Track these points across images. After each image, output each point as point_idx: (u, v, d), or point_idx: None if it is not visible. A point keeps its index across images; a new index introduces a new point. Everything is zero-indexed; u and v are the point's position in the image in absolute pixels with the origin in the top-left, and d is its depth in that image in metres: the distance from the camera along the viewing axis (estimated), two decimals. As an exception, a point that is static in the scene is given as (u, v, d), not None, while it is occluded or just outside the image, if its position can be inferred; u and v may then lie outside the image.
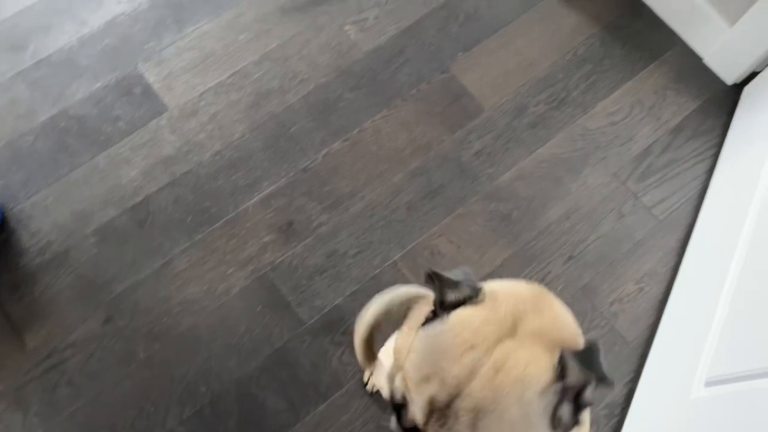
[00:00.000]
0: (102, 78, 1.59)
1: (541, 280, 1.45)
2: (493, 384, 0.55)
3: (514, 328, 0.58)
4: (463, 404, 0.55)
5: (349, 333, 1.40)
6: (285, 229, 1.47)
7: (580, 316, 1.43)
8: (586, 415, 0.65)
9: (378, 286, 1.44)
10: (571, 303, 1.43)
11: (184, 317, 1.40)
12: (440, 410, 0.56)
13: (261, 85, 1.60)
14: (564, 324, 0.61)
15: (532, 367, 0.55)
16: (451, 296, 0.60)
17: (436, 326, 0.60)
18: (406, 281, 1.45)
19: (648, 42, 1.68)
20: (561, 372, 0.55)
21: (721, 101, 1.62)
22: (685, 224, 1.51)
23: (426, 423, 0.58)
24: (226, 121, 1.57)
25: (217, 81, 1.60)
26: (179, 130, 1.55)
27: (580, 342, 0.60)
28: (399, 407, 0.61)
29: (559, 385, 0.55)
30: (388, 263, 1.46)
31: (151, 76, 1.60)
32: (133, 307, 1.41)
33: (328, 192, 1.51)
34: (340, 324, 1.41)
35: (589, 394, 0.55)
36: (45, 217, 1.47)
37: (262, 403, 1.34)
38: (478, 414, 0.55)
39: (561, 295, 1.44)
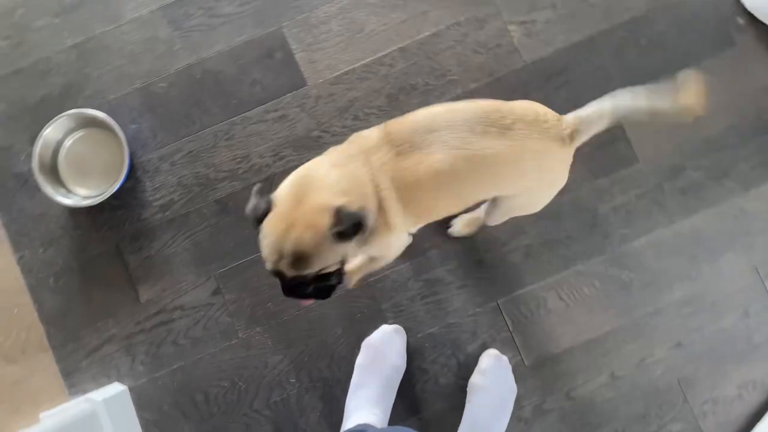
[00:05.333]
0: (244, 32, 1.50)
1: (641, 360, 1.42)
2: (291, 234, 0.96)
3: (299, 203, 0.98)
4: (286, 248, 0.96)
5: (436, 362, 1.43)
6: (399, 245, 1.45)
7: (666, 405, 1.41)
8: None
9: (475, 325, 1.44)
10: (664, 391, 1.41)
11: (287, 308, 1.45)
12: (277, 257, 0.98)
13: (406, 77, 1.49)
14: (324, 195, 0.99)
15: (311, 217, 0.96)
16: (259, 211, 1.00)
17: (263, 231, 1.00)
18: (503, 328, 1.44)
19: None
20: (336, 215, 0.96)
21: None
22: (812, 341, 1.42)
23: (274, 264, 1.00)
24: (362, 112, 1.48)
25: (360, 63, 1.49)
26: (314, 111, 1.48)
27: (336, 200, 0.98)
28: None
29: (333, 220, 0.96)
30: (490, 304, 1.44)
31: (295, 43, 1.50)
32: (242, 285, 1.46)
33: (449, 217, 1.46)
34: (429, 352, 1.43)
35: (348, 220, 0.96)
36: (170, 175, 1.48)
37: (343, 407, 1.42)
38: (295, 249, 0.96)
39: (657, 381, 1.42)
